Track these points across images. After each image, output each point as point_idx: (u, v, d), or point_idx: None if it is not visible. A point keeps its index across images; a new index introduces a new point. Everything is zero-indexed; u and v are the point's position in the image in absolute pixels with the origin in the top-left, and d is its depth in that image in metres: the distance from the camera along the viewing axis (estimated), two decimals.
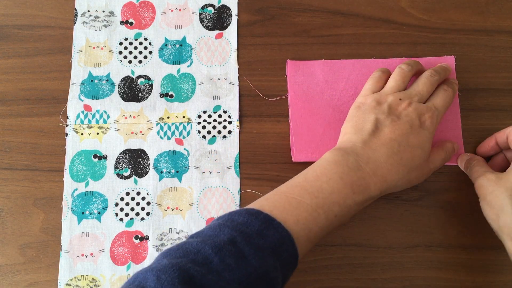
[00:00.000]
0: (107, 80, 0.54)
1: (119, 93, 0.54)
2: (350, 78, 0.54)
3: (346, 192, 0.40)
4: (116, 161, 0.52)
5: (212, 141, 0.52)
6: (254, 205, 0.40)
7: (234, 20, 0.56)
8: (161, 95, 0.54)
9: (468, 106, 0.53)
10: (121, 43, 0.55)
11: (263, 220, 0.37)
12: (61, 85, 0.54)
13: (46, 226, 0.50)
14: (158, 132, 0.53)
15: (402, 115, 0.45)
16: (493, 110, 0.53)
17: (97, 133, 0.53)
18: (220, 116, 0.53)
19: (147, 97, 0.54)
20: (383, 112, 0.45)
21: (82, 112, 0.53)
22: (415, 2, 0.57)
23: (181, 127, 0.53)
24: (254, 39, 0.56)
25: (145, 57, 0.55)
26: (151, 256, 0.49)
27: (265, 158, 0.52)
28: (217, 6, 0.57)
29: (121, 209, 0.51)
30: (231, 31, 0.56)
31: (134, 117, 0.53)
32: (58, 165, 0.52)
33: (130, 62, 0.55)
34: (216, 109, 0.53)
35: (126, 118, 0.53)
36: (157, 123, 0.53)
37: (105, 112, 0.53)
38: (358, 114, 0.46)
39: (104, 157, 0.52)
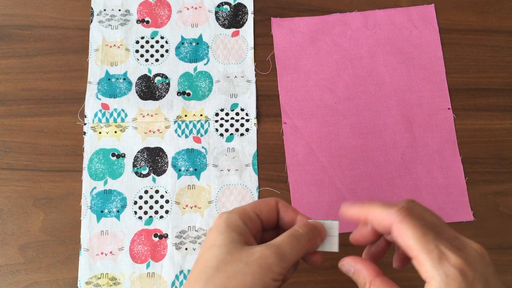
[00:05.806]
0: (124, 79, 0.54)
1: (137, 92, 0.54)
2: (334, 33, 0.56)
3: None
4: (134, 159, 0.52)
5: (229, 139, 0.53)
6: None
7: (250, 18, 0.57)
8: (178, 93, 0.54)
9: (468, 106, 0.54)
10: (137, 42, 0.55)
11: None
12: (61, 85, 0.54)
13: (46, 226, 0.50)
14: (175, 130, 0.53)
15: None
16: (492, 110, 0.54)
17: (115, 132, 0.52)
18: (237, 114, 0.54)
19: (164, 96, 0.54)
20: None
21: (100, 110, 0.53)
22: (416, 2, 0.57)
23: (198, 125, 0.53)
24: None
25: (162, 55, 0.55)
26: (170, 254, 0.50)
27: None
28: (233, 4, 0.57)
29: (140, 207, 0.51)
30: (247, 29, 0.56)
31: (151, 116, 0.53)
32: (58, 165, 0.52)
33: (146, 60, 0.55)
34: (234, 107, 0.54)
35: (143, 116, 0.53)
36: (175, 121, 0.53)
37: (123, 110, 0.53)
38: None
39: (122, 156, 0.52)
